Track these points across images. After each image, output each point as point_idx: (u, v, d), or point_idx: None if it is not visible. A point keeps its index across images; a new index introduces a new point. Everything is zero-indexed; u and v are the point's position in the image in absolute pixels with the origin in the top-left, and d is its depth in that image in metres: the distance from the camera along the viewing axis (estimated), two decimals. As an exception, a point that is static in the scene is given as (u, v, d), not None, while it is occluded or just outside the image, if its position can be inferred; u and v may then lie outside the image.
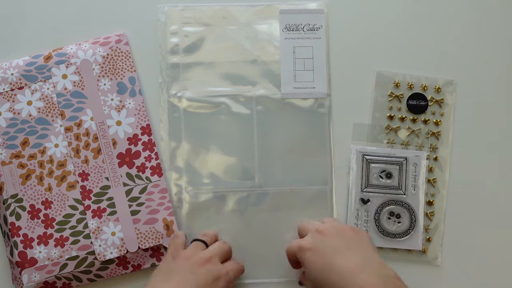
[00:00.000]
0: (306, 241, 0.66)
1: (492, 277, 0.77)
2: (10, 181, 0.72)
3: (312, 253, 0.65)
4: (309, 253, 0.65)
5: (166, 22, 0.77)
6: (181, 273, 0.66)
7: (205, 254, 0.68)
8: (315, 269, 0.64)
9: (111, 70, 0.74)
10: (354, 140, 0.77)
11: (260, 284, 0.75)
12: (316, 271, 0.64)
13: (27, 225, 0.72)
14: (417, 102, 0.78)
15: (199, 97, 0.76)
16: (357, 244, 0.65)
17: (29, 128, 0.73)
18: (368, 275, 0.60)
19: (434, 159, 0.77)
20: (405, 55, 0.79)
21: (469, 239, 0.77)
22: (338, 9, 0.78)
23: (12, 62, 0.74)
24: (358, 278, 0.60)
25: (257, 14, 0.77)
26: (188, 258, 0.67)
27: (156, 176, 0.74)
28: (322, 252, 0.64)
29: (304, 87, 0.77)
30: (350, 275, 0.61)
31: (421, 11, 0.79)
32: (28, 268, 0.71)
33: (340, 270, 0.61)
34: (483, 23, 0.79)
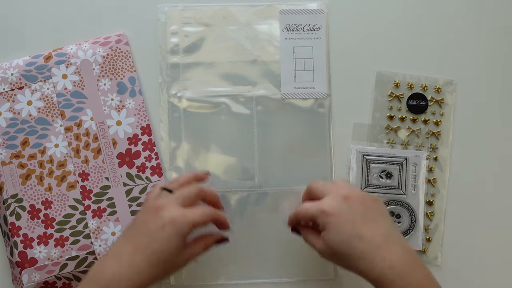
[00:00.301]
0: (329, 205, 0.62)
1: (492, 277, 0.77)
2: (10, 181, 0.72)
3: (337, 218, 0.61)
4: (334, 218, 0.61)
5: (166, 22, 0.77)
6: (133, 224, 0.64)
7: (157, 202, 0.64)
8: (340, 236, 0.61)
9: (111, 70, 0.74)
10: (354, 140, 0.77)
11: (260, 284, 0.75)
12: (341, 238, 0.61)
13: (27, 225, 0.72)
14: (417, 102, 0.78)
15: (199, 97, 0.76)
16: (380, 214, 0.63)
17: (29, 128, 0.73)
18: (394, 246, 0.60)
19: (434, 159, 0.77)
20: (405, 55, 0.79)
21: (469, 239, 0.77)
22: (338, 9, 0.78)
23: (12, 62, 0.74)
24: (386, 249, 0.60)
25: (257, 14, 0.77)
26: (142, 209, 0.65)
27: (156, 176, 0.74)
28: (350, 220, 0.61)
29: (304, 87, 0.77)
30: (377, 245, 0.60)
31: (421, 11, 0.79)
32: (28, 268, 0.71)
33: (368, 239, 0.60)
34: (483, 23, 0.79)
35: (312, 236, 0.66)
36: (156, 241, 0.61)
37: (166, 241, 0.61)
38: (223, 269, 0.75)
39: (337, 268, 0.76)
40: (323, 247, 0.63)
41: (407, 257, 0.60)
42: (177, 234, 0.61)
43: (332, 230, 0.61)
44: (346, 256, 0.61)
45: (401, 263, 0.60)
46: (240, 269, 0.75)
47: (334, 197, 0.63)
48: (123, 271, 0.61)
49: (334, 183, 0.66)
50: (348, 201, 0.63)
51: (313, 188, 0.66)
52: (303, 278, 0.76)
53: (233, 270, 0.75)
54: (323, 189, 0.65)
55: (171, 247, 0.61)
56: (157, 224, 0.61)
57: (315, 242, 0.65)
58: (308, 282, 0.76)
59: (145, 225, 0.62)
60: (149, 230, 0.62)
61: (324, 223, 0.62)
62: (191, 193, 0.65)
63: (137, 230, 0.63)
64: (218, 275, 0.75)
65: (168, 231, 0.61)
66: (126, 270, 0.61)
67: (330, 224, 0.61)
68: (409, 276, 0.59)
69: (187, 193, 0.65)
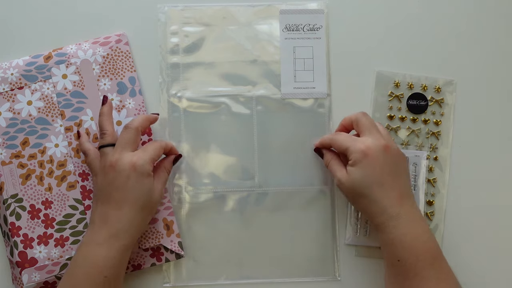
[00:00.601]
0: (369, 148, 0.67)
1: (492, 277, 0.77)
2: (10, 181, 0.72)
3: (370, 162, 0.66)
4: (368, 161, 0.66)
5: (166, 22, 0.77)
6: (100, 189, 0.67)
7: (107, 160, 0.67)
8: (366, 178, 0.66)
9: (111, 70, 0.74)
10: (354, 140, 0.77)
11: (260, 284, 0.75)
12: (366, 180, 0.66)
13: (27, 225, 0.72)
14: (417, 102, 0.78)
15: (199, 97, 0.76)
16: (404, 171, 0.69)
17: (29, 128, 0.73)
18: (406, 201, 0.66)
19: (434, 159, 0.77)
20: (405, 55, 0.79)
21: (469, 239, 0.77)
22: (338, 9, 0.78)
23: (12, 62, 0.74)
24: (398, 201, 0.66)
25: (257, 14, 0.77)
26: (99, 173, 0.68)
27: (156, 176, 0.74)
28: (380, 167, 0.66)
29: (304, 87, 0.77)
30: (393, 196, 0.66)
31: (421, 11, 0.79)
32: (28, 268, 0.71)
33: (387, 189, 0.66)
34: (483, 23, 0.79)
35: (337, 165, 0.71)
36: (130, 191, 0.65)
37: (138, 186, 0.65)
38: (223, 269, 0.75)
39: (337, 268, 0.76)
40: (345, 179, 0.68)
41: (413, 212, 0.66)
42: (143, 176, 0.65)
43: (361, 169, 0.66)
44: (362, 195, 0.67)
45: (407, 217, 0.65)
46: (240, 269, 0.75)
47: (376, 142, 0.67)
48: (120, 227, 0.64)
49: (377, 126, 0.70)
50: (386, 151, 0.67)
51: (359, 120, 0.70)
52: (303, 278, 0.76)
53: (233, 270, 0.75)
54: (367, 126, 0.69)
55: (145, 189, 0.66)
56: (122, 177, 0.65)
57: (338, 171, 0.70)
58: (308, 282, 0.76)
59: (112, 184, 0.65)
60: (118, 185, 0.65)
61: (357, 161, 0.67)
62: (130, 135, 0.67)
63: (108, 191, 0.65)
64: (218, 275, 0.75)
65: (134, 178, 0.65)
66: (118, 226, 0.65)
67: (361, 164, 0.66)
68: (410, 227, 0.65)
69: (127, 138, 0.67)
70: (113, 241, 0.64)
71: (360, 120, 0.70)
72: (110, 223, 0.65)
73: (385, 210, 0.65)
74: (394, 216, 0.65)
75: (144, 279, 0.75)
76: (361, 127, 0.69)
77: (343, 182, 0.68)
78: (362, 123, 0.70)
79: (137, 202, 0.65)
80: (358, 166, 0.67)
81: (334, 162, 0.72)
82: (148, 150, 0.68)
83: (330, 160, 0.72)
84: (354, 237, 0.76)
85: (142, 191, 0.66)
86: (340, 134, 0.71)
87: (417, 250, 0.64)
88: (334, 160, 0.72)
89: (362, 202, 0.67)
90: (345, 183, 0.68)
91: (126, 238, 0.65)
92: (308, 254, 0.76)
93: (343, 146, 0.69)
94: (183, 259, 0.75)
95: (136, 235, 0.66)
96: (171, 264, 0.75)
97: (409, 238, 0.64)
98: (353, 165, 0.67)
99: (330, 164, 0.72)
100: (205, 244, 0.75)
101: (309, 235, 0.76)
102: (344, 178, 0.68)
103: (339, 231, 0.76)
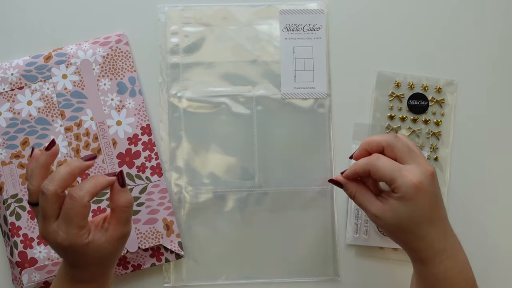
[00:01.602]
0: (419, 179, 0.58)
1: (492, 277, 0.77)
2: (10, 181, 0.72)
3: (421, 195, 0.58)
4: (419, 194, 0.58)
5: (166, 22, 0.77)
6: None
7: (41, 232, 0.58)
8: (415, 213, 0.58)
9: (111, 70, 0.74)
10: (355, 140, 0.77)
11: (260, 284, 0.75)
12: (414, 215, 0.58)
13: (27, 225, 0.72)
14: (417, 102, 0.78)
15: (199, 97, 0.76)
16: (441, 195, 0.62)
17: (29, 128, 0.73)
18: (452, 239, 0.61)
19: (435, 159, 0.77)
20: (405, 55, 0.78)
21: (469, 239, 0.77)
22: (338, 9, 0.78)
23: (12, 62, 0.74)
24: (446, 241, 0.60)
25: (257, 14, 0.77)
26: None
27: (156, 176, 0.74)
28: (429, 201, 0.59)
29: (304, 87, 0.77)
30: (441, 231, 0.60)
31: (422, 11, 0.79)
32: (28, 268, 0.71)
33: (437, 224, 0.60)
34: (484, 23, 0.79)
35: (368, 196, 0.62)
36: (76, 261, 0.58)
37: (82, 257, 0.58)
38: (223, 269, 0.75)
39: (337, 268, 0.76)
40: (386, 214, 0.59)
41: (456, 244, 0.61)
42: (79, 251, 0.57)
43: (411, 206, 0.58)
44: (408, 232, 0.59)
45: (452, 251, 0.60)
46: (240, 269, 0.75)
47: (425, 172, 0.59)
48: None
49: (416, 151, 0.61)
50: (433, 179, 0.59)
51: (394, 146, 0.60)
52: (303, 278, 0.76)
53: (233, 270, 0.75)
54: (407, 151, 0.60)
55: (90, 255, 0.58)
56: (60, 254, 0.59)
57: (371, 204, 0.61)
58: (308, 282, 0.76)
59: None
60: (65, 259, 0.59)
61: (407, 196, 0.58)
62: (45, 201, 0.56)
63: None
64: (218, 275, 0.75)
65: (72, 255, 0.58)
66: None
67: (413, 200, 0.58)
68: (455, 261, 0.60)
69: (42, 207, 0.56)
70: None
71: (396, 146, 0.61)
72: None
73: (432, 246, 0.59)
74: (441, 250, 0.59)
75: (144, 279, 0.75)
76: (399, 153, 0.60)
77: (382, 217, 0.60)
78: (399, 149, 0.60)
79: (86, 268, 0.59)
80: (408, 202, 0.58)
81: (363, 193, 0.62)
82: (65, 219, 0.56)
83: (356, 192, 0.63)
84: (354, 237, 0.76)
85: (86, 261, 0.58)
86: (380, 158, 0.60)
87: (460, 284, 0.61)
88: (362, 190, 0.63)
89: (405, 238, 0.60)
90: (386, 218, 0.59)
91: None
92: (308, 254, 0.76)
93: (388, 176, 0.59)
94: (183, 259, 0.75)
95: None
96: (171, 264, 0.75)
97: (455, 272, 0.60)
98: (401, 200, 0.58)
99: (358, 197, 0.62)
100: (205, 244, 0.75)
101: (309, 235, 0.76)
102: (383, 213, 0.60)
103: (339, 231, 0.76)
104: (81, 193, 0.56)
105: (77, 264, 0.58)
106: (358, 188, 0.63)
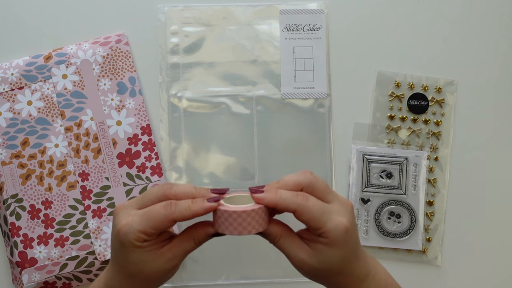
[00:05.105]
0: (348, 219, 0.52)
1: (492, 277, 0.77)
2: (10, 181, 0.72)
3: (350, 235, 0.52)
4: (348, 235, 0.52)
5: (166, 22, 0.77)
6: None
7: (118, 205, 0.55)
8: (345, 254, 0.53)
9: (111, 70, 0.74)
10: (355, 140, 0.77)
11: (260, 284, 0.75)
12: (344, 255, 0.53)
13: (27, 225, 0.72)
14: (417, 102, 0.78)
15: (199, 97, 0.76)
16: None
17: (29, 128, 0.73)
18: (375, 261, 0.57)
19: (435, 159, 0.77)
20: (405, 55, 0.78)
21: (469, 239, 0.77)
22: (338, 9, 0.78)
23: (12, 62, 0.74)
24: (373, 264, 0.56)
25: (257, 14, 0.77)
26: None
27: (156, 176, 0.74)
28: (356, 238, 0.54)
29: (304, 87, 0.77)
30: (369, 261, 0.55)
31: (422, 11, 0.79)
32: (28, 268, 0.71)
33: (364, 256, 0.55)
34: (484, 24, 0.79)
35: (294, 241, 0.54)
36: (114, 255, 0.54)
37: (121, 256, 0.53)
38: (223, 269, 0.75)
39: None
40: (314, 260, 0.53)
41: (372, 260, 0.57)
42: (124, 246, 0.52)
43: (342, 249, 0.52)
44: (338, 274, 0.54)
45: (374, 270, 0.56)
46: (240, 269, 0.75)
47: (347, 207, 0.54)
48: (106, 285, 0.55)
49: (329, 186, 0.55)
50: (354, 217, 0.54)
51: (314, 184, 0.53)
52: (303, 278, 0.75)
53: (233, 270, 0.75)
54: (327, 189, 0.54)
55: (129, 260, 0.52)
56: (112, 234, 0.54)
57: (298, 250, 0.54)
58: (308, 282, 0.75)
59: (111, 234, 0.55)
60: (111, 241, 0.55)
61: (338, 240, 0.52)
62: (150, 191, 0.53)
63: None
64: (218, 275, 0.75)
65: (117, 244, 0.52)
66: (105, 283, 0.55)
67: (343, 241, 0.52)
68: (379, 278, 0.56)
69: (145, 193, 0.54)
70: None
71: (316, 184, 0.53)
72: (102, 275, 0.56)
73: (358, 276, 0.54)
74: (366, 275, 0.55)
75: (144, 279, 0.75)
76: (320, 192, 0.53)
77: (311, 263, 0.53)
78: (320, 186, 0.54)
79: (122, 269, 0.53)
80: (338, 247, 0.52)
81: (288, 236, 0.54)
82: (147, 215, 0.52)
83: (280, 236, 0.54)
84: (354, 237, 0.76)
85: (126, 261, 0.52)
86: (309, 199, 0.52)
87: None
88: (287, 233, 0.54)
89: (335, 279, 0.54)
90: (315, 264, 0.53)
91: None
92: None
93: (316, 220, 0.52)
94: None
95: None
96: (171, 264, 0.75)
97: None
98: (330, 245, 0.52)
99: (282, 241, 0.54)
100: (205, 244, 0.75)
101: (309, 235, 0.76)
102: (311, 259, 0.53)
103: (339, 231, 0.76)
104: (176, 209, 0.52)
105: (121, 266, 0.53)
106: (284, 231, 0.54)
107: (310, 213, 0.51)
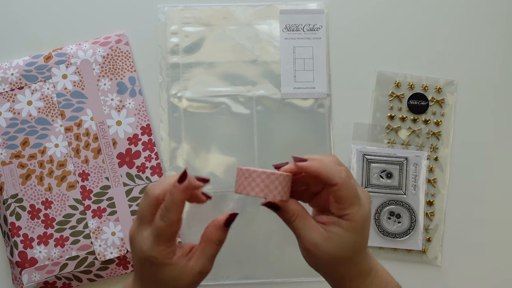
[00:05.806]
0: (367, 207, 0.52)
1: (492, 277, 0.77)
2: (10, 181, 0.72)
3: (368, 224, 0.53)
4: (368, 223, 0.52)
5: (166, 22, 0.77)
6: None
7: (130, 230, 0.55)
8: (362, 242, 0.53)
9: (111, 70, 0.74)
10: (355, 140, 0.77)
11: (260, 284, 0.75)
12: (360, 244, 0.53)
13: (27, 225, 0.72)
14: (417, 102, 0.78)
15: (199, 97, 0.76)
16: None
17: (29, 128, 0.73)
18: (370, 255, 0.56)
19: (435, 159, 0.77)
20: (405, 55, 0.78)
21: (469, 239, 0.77)
22: (338, 9, 0.78)
23: (12, 62, 0.74)
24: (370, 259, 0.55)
25: (257, 14, 0.77)
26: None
27: (156, 176, 0.74)
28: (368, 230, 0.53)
29: (304, 87, 0.77)
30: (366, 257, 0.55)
31: (422, 11, 0.79)
32: (28, 268, 0.71)
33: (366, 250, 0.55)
34: (484, 24, 0.79)
35: (309, 221, 0.52)
36: (145, 279, 0.54)
37: (153, 277, 0.53)
38: (223, 269, 0.75)
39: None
40: (328, 243, 0.51)
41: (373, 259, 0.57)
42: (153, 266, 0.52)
43: (358, 234, 0.52)
44: (347, 261, 0.53)
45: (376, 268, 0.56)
46: (240, 269, 0.75)
47: (367, 195, 0.53)
48: None
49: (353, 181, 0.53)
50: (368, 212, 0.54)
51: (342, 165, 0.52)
52: (303, 278, 0.76)
53: (233, 270, 0.75)
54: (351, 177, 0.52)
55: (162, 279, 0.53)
56: (136, 261, 0.54)
57: (314, 231, 0.52)
58: (308, 282, 0.76)
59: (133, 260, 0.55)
60: (136, 265, 0.54)
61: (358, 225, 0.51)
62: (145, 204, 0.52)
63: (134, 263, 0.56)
64: (218, 275, 0.75)
65: (147, 267, 0.53)
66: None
67: (362, 228, 0.52)
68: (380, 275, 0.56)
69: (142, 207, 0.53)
70: None
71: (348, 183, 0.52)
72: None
73: (362, 271, 0.54)
74: (369, 271, 0.54)
75: (144, 279, 0.75)
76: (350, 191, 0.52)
77: (323, 247, 0.52)
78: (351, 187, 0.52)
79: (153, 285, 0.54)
80: (355, 232, 0.52)
81: (304, 217, 0.53)
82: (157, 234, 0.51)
83: (297, 215, 0.53)
84: (354, 237, 0.76)
85: (159, 283, 0.53)
86: (352, 176, 0.52)
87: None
88: (303, 213, 0.53)
89: (342, 268, 0.53)
90: (327, 248, 0.51)
91: None
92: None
93: (348, 201, 0.51)
94: (183, 259, 0.75)
95: None
96: (171, 264, 0.75)
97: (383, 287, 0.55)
98: (350, 230, 0.51)
99: (298, 221, 0.53)
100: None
101: (309, 235, 0.76)
102: (325, 242, 0.52)
103: (339, 231, 0.76)
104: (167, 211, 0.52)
105: (147, 283, 0.54)
106: (301, 211, 0.53)
107: (348, 190, 0.50)
